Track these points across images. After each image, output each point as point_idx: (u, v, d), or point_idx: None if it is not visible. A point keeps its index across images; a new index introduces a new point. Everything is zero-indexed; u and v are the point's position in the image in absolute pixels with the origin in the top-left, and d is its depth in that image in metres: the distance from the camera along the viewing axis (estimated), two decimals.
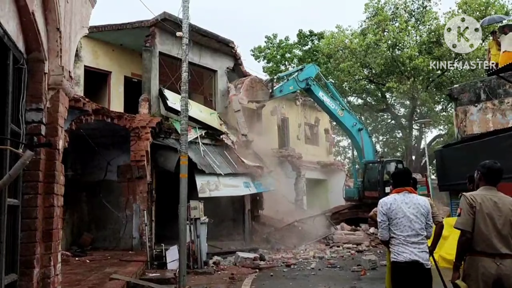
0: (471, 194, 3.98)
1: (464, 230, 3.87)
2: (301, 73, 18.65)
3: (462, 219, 3.90)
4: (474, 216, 3.84)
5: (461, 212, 3.94)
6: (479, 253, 3.80)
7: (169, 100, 14.41)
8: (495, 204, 3.85)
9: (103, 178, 13.37)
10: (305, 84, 18.40)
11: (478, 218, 3.83)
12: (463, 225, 3.88)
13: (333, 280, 9.84)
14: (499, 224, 3.79)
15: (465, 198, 3.95)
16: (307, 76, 18.48)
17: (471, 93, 14.74)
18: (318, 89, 18.95)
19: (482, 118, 14.31)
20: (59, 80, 3.94)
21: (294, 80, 18.45)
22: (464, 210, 3.91)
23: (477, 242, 3.82)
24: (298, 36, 34.25)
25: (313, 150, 25.02)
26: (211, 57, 17.01)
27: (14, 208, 3.34)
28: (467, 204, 3.89)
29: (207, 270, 11.11)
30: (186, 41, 10.06)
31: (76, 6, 4.43)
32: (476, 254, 3.83)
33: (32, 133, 3.65)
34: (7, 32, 3.05)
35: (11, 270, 3.27)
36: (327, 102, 19.12)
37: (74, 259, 10.71)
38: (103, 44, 15.42)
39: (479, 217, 3.83)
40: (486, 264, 3.75)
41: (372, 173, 18.83)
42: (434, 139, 34.77)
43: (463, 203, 3.95)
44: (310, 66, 19.71)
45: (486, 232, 3.80)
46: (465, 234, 3.86)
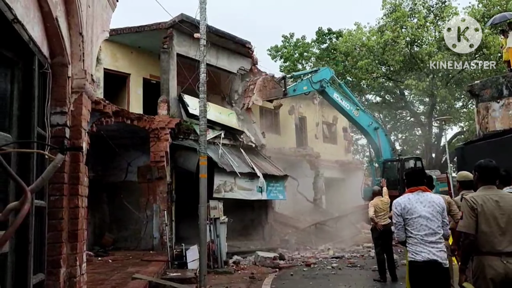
0: (472, 196, 4.00)
1: (467, 233, 3.89)
2: (315, 75, 18.67)
3: (464, 222, 3.92)
4: (477, 218, 3.86)
5: (463, 215, 3.96)
6: (485, 254, 3.82)
7: (190, 106, 14.49)
8: (497, 203, 3.87)
9: (123, 179, 13.55)
10: (319, 86, 18.40)
11: (480, 220, 3.85)
12: (465, 228, 3.90)
13: (353, 280, 9.79)
14: (502, 223, 3.81)
15: (465, 201, 3.97)
16: (321, 78, 18.48)
17: (492, 89, 14.44)
18: (332, 90, 18.92)
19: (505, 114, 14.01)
20: (82, 84, 4.02)
21: (308, 81, 18.44)
22: (465, 213, 3.93)
23: (482, 243, 3.84)
24: (317, 33, 34.12)
25: (331, 149, 24.89)
26: (228, 59, 17.07)
27: (41, 209, 3.42)
28: (468, 207, 3.91)
29: (227, 270, 11.17)
30: (203, 42, 10.13)
31: (97, 11, 4.50)
32: (482, 255, 3.84)
33: (57, 136, 3.73)
34: (32, 37, 3.12)
35: (38, 270, 3.34)
36: (342, 103, 19.07)
37: (97, 259, 10.88)
38: (122, 46, 15.62)
39: (481, 218, 3.85)
40: (493, 264, 3.76)
41: (391, 171, 18.67)
42: (454, 136, 34.21)
43: (464, 206, 3.98)
44: (325, 69, 19.70)
45: (490, 232, 3.81)
46: (469, 237, 3.89)
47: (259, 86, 17.21)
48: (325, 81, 18.51)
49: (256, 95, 17.01)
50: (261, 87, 17.24)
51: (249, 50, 17.36)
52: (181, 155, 13.86)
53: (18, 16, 2.73)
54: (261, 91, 17.20)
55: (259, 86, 17.20)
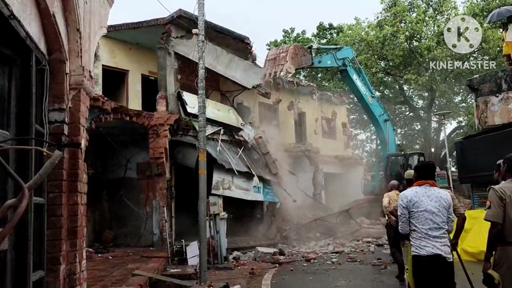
0: (500, 186, 4.06)
1: (495, 222, 3.97)
2: (339, 52, 18.76)
3: (492, 212, 3.99)
4: (504, 208, 3.93)
5: (491, 204, 4.02)
6: (511, 244, 3.90)
7: (188, 104, 14.43)
8: None
9: (123, 175, 13.56)
10: (342, 63, 18.50)
11: (508, 210, 3.92)
12: (494, 217, 3.97)
13: (353, 274, 9.80)
14: None
15: (494, 191, 4.03)
16: (344, 56, 18.59)
17: (491, 83, 14.45)
18: (353, 71, 19.02)
19: (504, 108, 14.03)
20: (80, 80, 4.00)
21: (332, 56, 18.49)
22: (494, 203, 3.99)
23: (508, 232, 3.92)
24: (318, 28, 34.07)
25: (331, 144, 24.87)
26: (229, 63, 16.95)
27: (40, 206, 3.41)
28: (497, 196, 3.98)
29: (227, 265, 11.18)
30: (202, 38, 10.07)
31: (94, 7, 4.48)
32: (507, 244, 3.92)
33: (56, 133, 3.72)
34: (29, 34, 3.11)
35: (38, 267, 3.34)
36: (360, 86, 19.18)
37: (97, 256, 10.90)
38: (120, 43, 15.57)
39: (509, 208, 3.92)
40: None
41: (394, 166, 18.69)
42: (453, 130, 34.23)
43: (492, 195, 4.03)
44: (348, 48, 19.90)
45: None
46: (496, 226, 3.97)
47: (291, 53, 16.80)
48: (347, 60, 18.64)
49: (289, 63, 16.61)
50: (292, 55, 16.84)
51: (247, 45, 17.24)
52: (180, 151, 13.86)
53: (14, 12, 2.71)
54: (293, 59, 16.81)
55: (291, 54, 16.79)
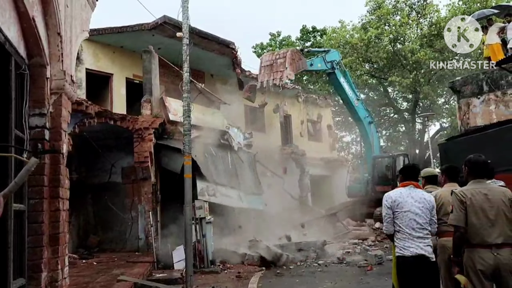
0: (461, 190, 4.13)
1: (458, 225, 4.00)
2: (327, 54, 19.07)
3: (454, 215, 4.04)
4: (466, 211, 3.97)
5: (453, 208, 4.07)
6: (476, 246, 3.93)
7: (171, 112, 14.29)
8: (485, 196, 3.98)
9: (107, 180, 13.42)
10: (331, 66, 18.74)
11: (470, 213, 3.96)
12: (456, 221, 4.02)
13: (340, 276, 9.85)
14: (491, 215, 3.92)
15: (455, 195, 4.09)
16: (332, 59, 18.86)
17: (473, 85, 14.65)
18: (340, 74, 19.25)
19: (485, 110, 14.23)
20: (61, 85, 3.96)
21: (322, 59, 18.71)
22: (455, 207, 4.05)
23: (472, 235, 3.95)
24: (301, 31, 34.19)
25: (316, 147, 24.98)
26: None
27: (20, 213, 3.36)
28: (458, 200, 4.04)
29: (214, 269, 11.13)
30: (186, 41, 10.04)
31: (76, 10, 4.44)
32: (473, 247, 3.95)
33: (36, 138, 3.67)
34: (8, 38, 3.07)
35: (19, 274, 3.29)
36: (347, 89, 19.44)
37: (81, 262, 10.75)
38: (103, 46, 15.41)
39: (471, 211, 3.96)
40: (484, 256, 3.87)
41: (380, 167, 18.87)
42: (437, 132, 34.61)
43: (454, 200, 4.09)
44: (334, 51, 20.17)
45: (479, 224, 3.92)
46: (459, 230, 4.01)
47: (289, 59, 16.48)
48: (335, 63, 18.91)
49: (289, 69, 16.35)
50: (291, 60, 16.56)
51: (233, 50, 17.14)
52: (166, 155, 13.76)
53: None
54: (292, 64, 16.55)
55: (289, 60, 16.48)
